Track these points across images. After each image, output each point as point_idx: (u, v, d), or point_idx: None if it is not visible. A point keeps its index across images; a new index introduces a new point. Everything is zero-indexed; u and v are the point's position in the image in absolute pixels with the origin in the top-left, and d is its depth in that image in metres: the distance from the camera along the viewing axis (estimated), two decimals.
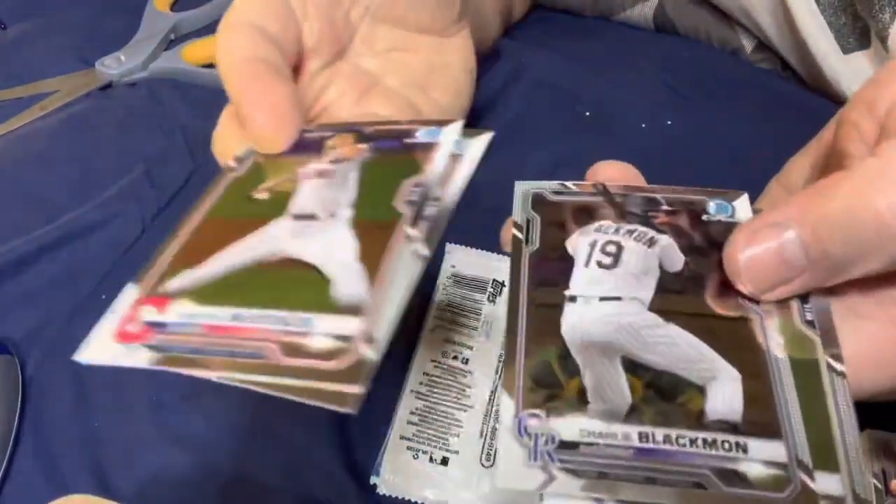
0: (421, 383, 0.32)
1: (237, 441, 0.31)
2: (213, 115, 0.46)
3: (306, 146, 0.26)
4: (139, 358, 0.19)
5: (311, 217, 0.23)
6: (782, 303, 0.21)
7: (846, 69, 0.40)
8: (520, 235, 0.24)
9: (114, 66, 0.49)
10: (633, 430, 0.19)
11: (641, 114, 0.42)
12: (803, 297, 0.21)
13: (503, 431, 0.19)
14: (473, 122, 0.41)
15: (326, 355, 0.18)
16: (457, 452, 0.30)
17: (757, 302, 0.21)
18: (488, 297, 0.35)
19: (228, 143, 0.28)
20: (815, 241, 0.20)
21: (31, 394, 0.33)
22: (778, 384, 0.19)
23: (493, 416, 0.31)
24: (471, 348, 0.33)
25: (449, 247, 0.37)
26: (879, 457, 0.27)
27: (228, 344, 0.19)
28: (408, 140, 0.25)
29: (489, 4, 0.45)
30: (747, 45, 0.46)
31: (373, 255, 0.20)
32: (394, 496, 0.29)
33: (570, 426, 0.19)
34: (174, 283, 0.21)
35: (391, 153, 0.24)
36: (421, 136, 0.25)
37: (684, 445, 0.18)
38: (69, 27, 0.53)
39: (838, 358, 0.20)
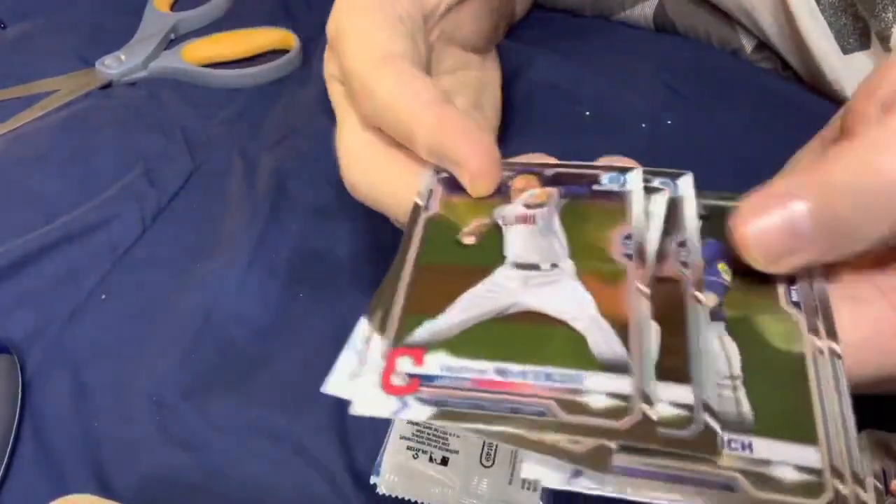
0: None
1: (237, 441, 0.31)
2: (213, 115, 0.47)
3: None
4: (418, 412, 0.19)
5: (533, 267, 0.23)
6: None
7: (846, 69, 0.40)
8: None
9: (114, 65, 0.49)
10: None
11: (641, 114, 0.42)
12: (790, 279, 0.21)
13: (370, 364, 0.20)
14: None
15: (608, 414, 0.18)
16: (457, 452, 0.30)
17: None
18: None
19: (390, 169, 0.27)
20: (824, 207, 0.20)
21: (31, 394, 0.33)
22: (693, 331, 0.20)
23: None
24: None
25: None
26: (879, 457, 0.27)
27: (507, 399, 0.19)
28: (596, 187, 0.25)
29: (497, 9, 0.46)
30: (747, 45, 0.46)
31: (612, 308, 0.21)
32: (394, 496, 0.29)
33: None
34: (419, 334, 0.21)
35: (582, 200, 0.25)
36: (606, 181, 0.25)
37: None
38: (69, 27, 0.53)
39: (836, 339, 0.20)
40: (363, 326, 0.21)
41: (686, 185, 0.24)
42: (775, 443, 0.18)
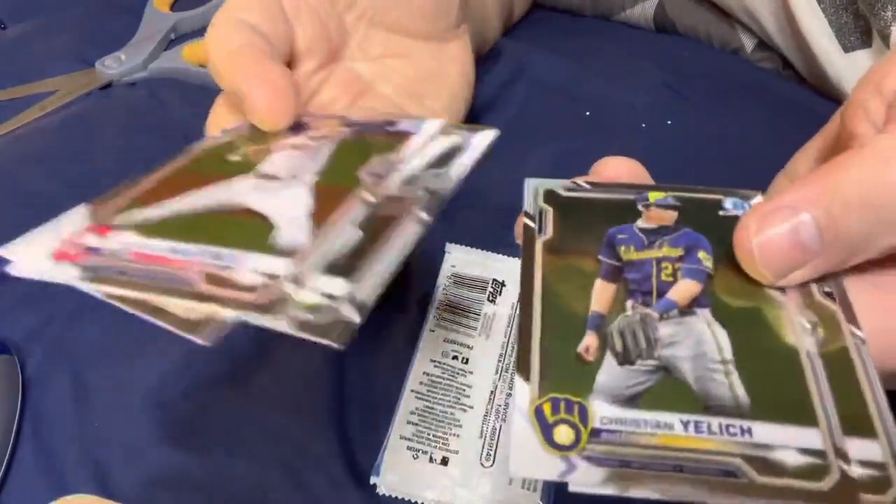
0: (421, 383, 0.32)
1: (237, 441, 0.31)
2: None
3: (292, 128, 0.27)
4: (67, 275, 0.20)
5: (273, 178, 0.23)
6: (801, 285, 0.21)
7: (847, 68, 0.40)
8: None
9: (114, 66, 0.49)
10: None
11: (641, 114, 0.42)
12: None
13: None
14: (473, 123, 0.41)
15: (248, 289, 0.18)
16: (457, 452, 0.30)
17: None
18: (488, 297, 0.35)
19: (221, 124, 0.29)
20: (830, 221, 0.19)
21: (31, 394, 0.33)
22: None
23: (493, 415, 0.31)
24: (471, 348, 0.33)
25: (449, 247, 0.37)
26: None
27: (154, 270, 0.19)
28: (390, 127, 0.26)
29: (490, 5, 0.45)
30: (748, 44, 0.46)
31: (323, 212, 0.21)
32: (394, 496, 0.29)
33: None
34: (124, 217, 0.22)
35: (370, 135, 0.25)
36: (403, 125, 0.26)
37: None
38: (69, 27, 0.53)
39: (857, 325, 0.20)
40: (80, 210, 0.23)
41: (481, 139, 0.25)
42: (775, 426, 0.18)
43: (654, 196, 0.24)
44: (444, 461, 0.30)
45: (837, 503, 0.17)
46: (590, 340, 0.20)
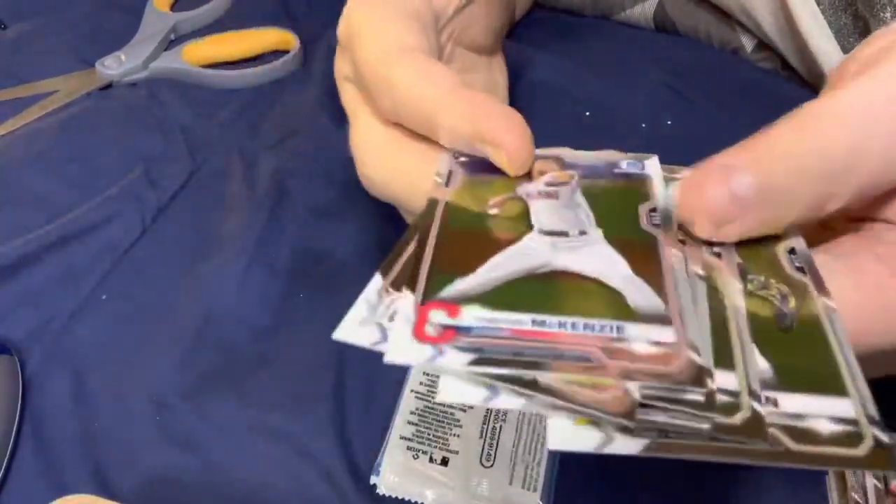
0: (421, 383, 0.32)
1: (237, 441, 0.31)
2: (213, 115, 0.47)
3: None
4: (452, 360, 0.18)
5: (562, 234, 0.23)
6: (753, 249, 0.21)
7: None
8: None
9: (114, 66, 0.49)
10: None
11: (641, 114, 0.42)
12: (791, 250, 0.22)
13: (400, 319, 0.20)
14: None
15: (657, 360, 0.18)
16: (457, 452, 0.30)
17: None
18: None
19: (409, 160, 0.26)
20: (763, 175, 0.20)
21: (31, 394, 0.33)
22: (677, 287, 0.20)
23: (493, 415, 0.31)
24: None
25: None
26: None
27: (548, 347, 0.19)
28: (616, 170, 0.25)
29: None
30: (747, 44, 0.46)
31: (646, 270, 0.21)
32: (394, 496, 0.29)
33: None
34: (450, 290, 0.21)
35: (603, 180, 0.25)
36: (626, 166, 0.26)
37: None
38: (69, 27, 0.53)
39: (829, 296, 0.20)
40: (377, 281, 0.21)
41: (653, 164, 0.26)
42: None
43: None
44: (444, 461, 0.30)
45: (873, 467, 0.17)
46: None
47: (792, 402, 0.18)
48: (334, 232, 0.39)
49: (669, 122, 0.42)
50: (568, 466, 0.30)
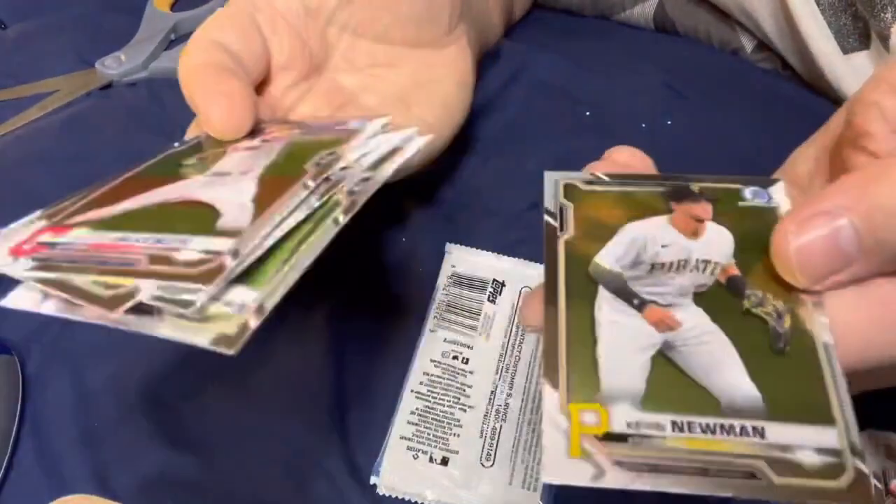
0: (421, 383, 0.32)
1: (237, 441, 0.31)
2: None
3: (249, 135, 0.28)
4: (19, 267, 0.20)
5: (224, 174, 0.24)
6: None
7: (846, 69, 0.40)
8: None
9: (114, 66, 0.49)
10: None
11: (641, 114, 0.42)
12: None
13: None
14: (473, 123, 0.41)
15: (189, 265, 0.19)
16: (457, 452, 0.30)
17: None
18: (488, 297, 0.35)
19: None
20: (870, 228, 0.19)
21: (31, 394, 0.33)
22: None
23: (493, 415, 0.31)
24: (471, 348, 0.33)
25: (449, 247, 0.37)
26: (879, 457, 0.27)
27: (101, 257, 0.20)
28: (339, 126, 0.27)
29: (492, 8, 0.45)
30: (747, 45, 0.46)
31: (267, 198, 0.21)
32: (394, 496, 0.29)
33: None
34: (78, 217, 0.23)
35: (318, 132, 0.26)
36: (352, 124, 0.27)
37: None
38: (69, 27, 0.53)
39: (824, 312, 0.20)
40: (34, 215, 0.24)
41: (416, 143, 0.26)
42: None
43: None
44: (444, 461, 0.30)
45: (853, 500, 0.17)
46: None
47: (778, 433, 0.18)
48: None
49: (669, 122, 0.42)
50: None
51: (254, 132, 0.28)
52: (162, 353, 0.34)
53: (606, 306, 0.21)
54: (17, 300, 0.21)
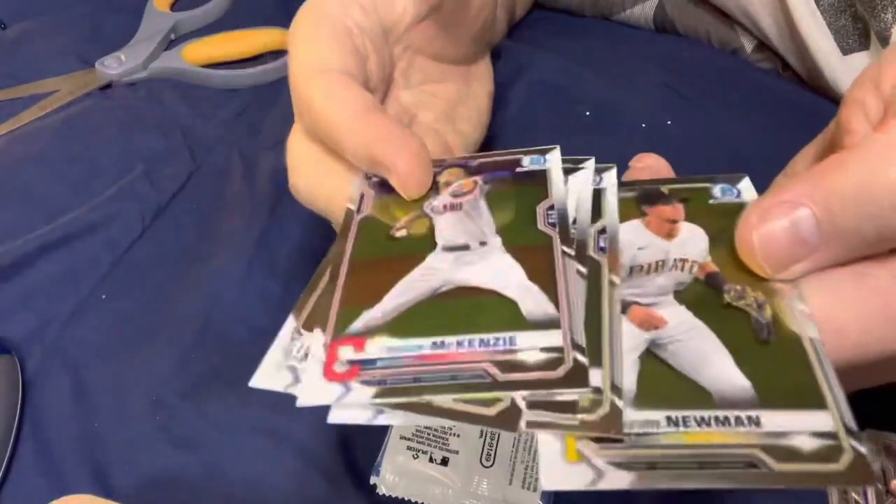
0: None
1: (237, 441, 0.31)
2: (213, 115, 0.47)
3: None
4: (360, 395, 0.20)
5: (463, 248, 0.23)
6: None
7: (846, 70, 0.40)
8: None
9: (114, 66, 0.49)
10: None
11: (641, 114, 0.42)
12: None
13: (311, 360, 0.20)
14: None
15: (546, 366, 0.19)
16: (457, 452, 0.30)
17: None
18: None
19: (307, 157, 0.28)
20: (828, 216, 0.20)
21: (31, 394, 0.33)
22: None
23: None
24: None
25: None
26: (879, 457, 0.27)
27: (445, 370, 0.20)
28: (518, 169, 0.26)
29: (499, 12, 0.46)
30: (747, 45, 0.46)
31: (541, 274, 0.22)
32: (394, 496, 0.29)
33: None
34: (357, 324, 0.21)
35: (506, 183, 0.26)
36: (527, 164, 0.26)
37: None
38: (69, 27, 0.53)
39: (804, 300, 0.20)
40: (290, 323, 0.22)
41: (610, 177, 0.25)
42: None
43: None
44: (444, 461, 0.30)
45: (854, 481, 0.17)
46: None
47: (773, 420, 0.18)
48: (334, 232, 0.39)
49: (669, 122, 0.42)
50: None
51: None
52: (162, 353, 0.34)
53: None
54: (341, 417, 0.20)
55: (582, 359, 0.19)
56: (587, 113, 0.43)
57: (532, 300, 0.21)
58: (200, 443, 0.31)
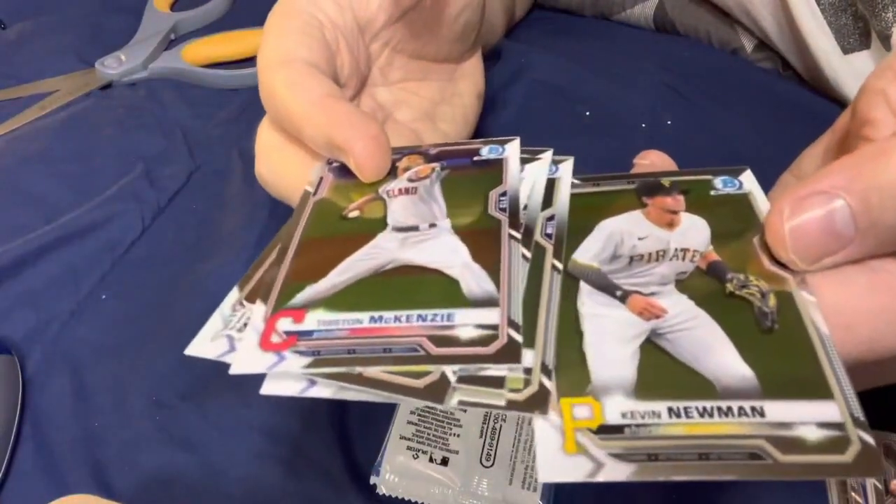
0: None
1: (237, 441, 0.31)
2: (213, 115, 0.47)
3: None
4: (292, 364, 0.20)
5: (412, 229, 0.24)
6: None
7: (846, 69, 0.40)
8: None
9: (114, 66, 0.49)
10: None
11: (641, 114, 0.42)
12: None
13: (249, 330, 0.21)
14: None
15: (479, 342, 0.19)
16: (457, 452, 0.30)
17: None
18: None
19: (274, 148, 0.28)
20: (866, 209, 0.19)
21: (31, 394, 0.33)
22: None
23: (493, 415, 0.31)
24: None
25: None
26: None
27: (380, 342, 0.20)
28: (476, 158, 0.27)
29: (496, 11, 0.46)
30: (747, 44, 0.46)
31: (486, 256, 0.22)
32: (394, 496, 0.29)
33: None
34: (299, 298, 0.22)
35: (463, 169, 0.26)
36: (485, 153, 0.27)
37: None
38: (69, 27, 0.53)
39: (807, 287, 0.20)
40: (233, 294, 0.23)
41: (566, 168, 0.26)
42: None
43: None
44: (444, 461, 0.30)
45: (862, 473, 0.17)
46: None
47: (778, 411, 0.18)
48: None
49: (669, 122, 0.42)
50: None
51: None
52: (162, 353, 0.34)
53: (589, 301, 0.21)
54: (274, 388, 0.20)
55: (516, 336, 0.19)
56: (587, 113, 0.43)
57: (474, 279, 0.21)
58: (200, 443, 0.31)
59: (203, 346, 0.21)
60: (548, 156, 0.26)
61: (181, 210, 0.41)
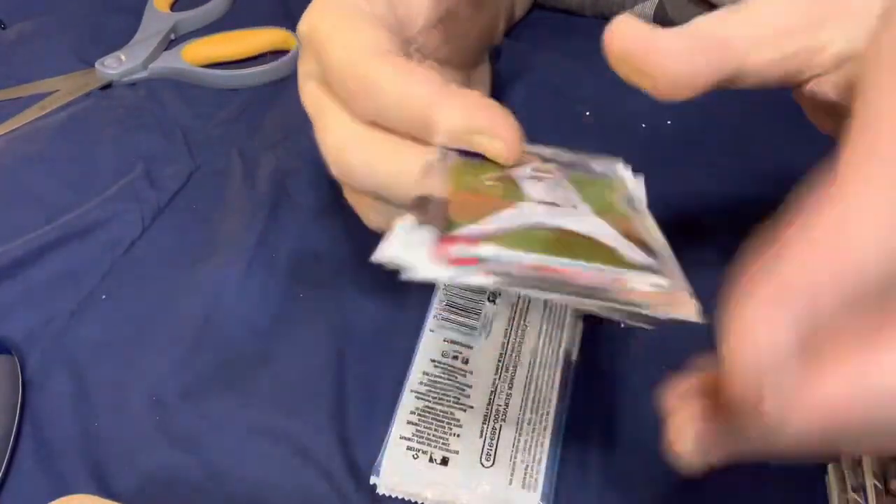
0: (421, 383, 0.32)
1: (237, 441, 0.31)
2: (213, 115, 0.47)
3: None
4: (481, 279, 0.20)
5: (552, 205, 0.24)
6: None
7: None
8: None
9: (114, 66, 0.49)
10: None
11: (641, 114, 0.42)
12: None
13: (428, 240, 0.21)
14: None
15: (658, 295, 0.21)
16: (457, 452, 0.30)
17: None
18: (488, 297, 0.35)
19: (387, 151, 0.27)
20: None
21: (31, 394, 0.33)
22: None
23: (493, 416, 0.31)
24: (471, 348, 0.33)
25: None
26: (879, 457, 0.27)
27: (565, 279, 0.21)
28: (590, 167, 0.28)
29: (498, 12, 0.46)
30: None
31: (633, 237, 0.23)
32: (394, 496, 0.29)
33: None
34: (468, 230, 0.22)
35: (584, 175, 0.28)
36: (598, 167, 0.28)
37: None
38: (69, 27, 0.53)
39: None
40: (407, 217, 0.22)
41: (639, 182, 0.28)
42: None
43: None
44: (444, 461, 0.30)
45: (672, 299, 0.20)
46: None
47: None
48: (334, 232, 0.39)
49: (669, 122, 0.42)
50: (567, 466, 0.30)
51: None
52: (162, 353, 0.34)
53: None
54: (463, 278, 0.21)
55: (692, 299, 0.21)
56: (587, 113, 0.43)
57: (631, 251, 0.22)
58: (200, 443, 0.31)
59: (392, 250, 0.21)
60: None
61: (181, 210, 0.41)
